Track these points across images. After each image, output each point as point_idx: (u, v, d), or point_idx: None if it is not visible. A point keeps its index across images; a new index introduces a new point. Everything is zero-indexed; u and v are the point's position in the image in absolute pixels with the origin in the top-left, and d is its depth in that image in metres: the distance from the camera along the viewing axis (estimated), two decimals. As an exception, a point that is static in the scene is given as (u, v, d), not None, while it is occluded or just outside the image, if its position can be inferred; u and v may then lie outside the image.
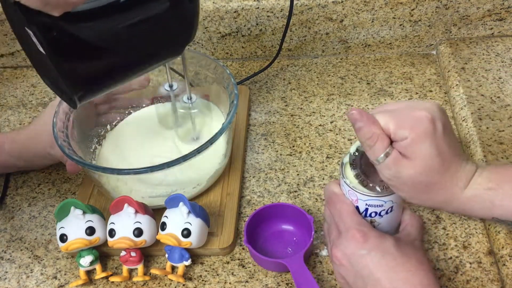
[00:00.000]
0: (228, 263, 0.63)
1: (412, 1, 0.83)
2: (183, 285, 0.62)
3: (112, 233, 0.60)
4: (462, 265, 0.60)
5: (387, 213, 0.55)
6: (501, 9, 0.84)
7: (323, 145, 0.75)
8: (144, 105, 0.78)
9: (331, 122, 0.79)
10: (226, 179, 0.70)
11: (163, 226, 0.60)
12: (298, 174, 0.72)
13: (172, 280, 0.62)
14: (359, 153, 0.55)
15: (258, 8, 0.85)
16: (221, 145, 0.68)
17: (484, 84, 0.78)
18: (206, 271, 0.63)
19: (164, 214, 0.61)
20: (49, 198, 0.73)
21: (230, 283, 0.61)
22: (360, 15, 0.85)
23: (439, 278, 0.59)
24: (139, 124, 0.76)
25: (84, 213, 0.61)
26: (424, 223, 0.64)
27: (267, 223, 0.64)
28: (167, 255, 0.62)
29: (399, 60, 0.89)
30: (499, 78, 0.79)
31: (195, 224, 0.59)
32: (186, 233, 0.59)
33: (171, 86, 0.69)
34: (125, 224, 0.60)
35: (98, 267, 0.62)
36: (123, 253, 0.61)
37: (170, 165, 0.59)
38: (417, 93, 0.82)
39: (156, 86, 0.76)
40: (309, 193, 0.69)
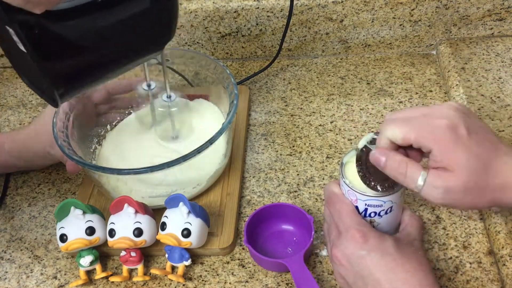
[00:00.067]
0: (228, 263, 0.63)
1: (412, 1, 0.83)
2: (183, 285, 0.62)
3: (112, 233, 0.60)
4: (462, 265, 0.60)
5: (386, 213, 0.55)
6: (501, 9, 0.83)
7: (323, 145, 0.75)
8: (144, 105, 0.78)
9: (331, 122, 0.79)
10: (226, 179, 0.70)
11: (163, 226, 0.60)
12: (298, 174, 0.72)
13: (172, 280, 0.62)
14: (367, 149, 0.54)
15: (258, 8, 0.85)
16: (221, 145, 0.68)
17: (484, 84, 0.78)
18: (206, 271, 0.63)
19: (164, 214, 0.61)
20: (49, 198, 0.73)
21: (230, 283, 0.61)
22: (360, 15, 0.85)
23: (439, 278, 0.59)
24: (139, 124, 0.76)
25: (84, 213, 0.61)
26: (424, 223, 0.64)
27: (267, 223, 0.64)
28: (167, 255, 0.62)
29: (399, 60, 0.89)
30: (499, 78, 0.79)
31: (195, 224, 0.59)
32: (186, 233, 0.59)
33: (149, 85, 0.68)
34: (125, 224, 0.60)
35: (98, 267, 0.62)
36: (123, 253, 0.62)
37: (170, 165, 0.59)
38: (417, 93, 0.82)
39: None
40: (309, 193, 0.69)
